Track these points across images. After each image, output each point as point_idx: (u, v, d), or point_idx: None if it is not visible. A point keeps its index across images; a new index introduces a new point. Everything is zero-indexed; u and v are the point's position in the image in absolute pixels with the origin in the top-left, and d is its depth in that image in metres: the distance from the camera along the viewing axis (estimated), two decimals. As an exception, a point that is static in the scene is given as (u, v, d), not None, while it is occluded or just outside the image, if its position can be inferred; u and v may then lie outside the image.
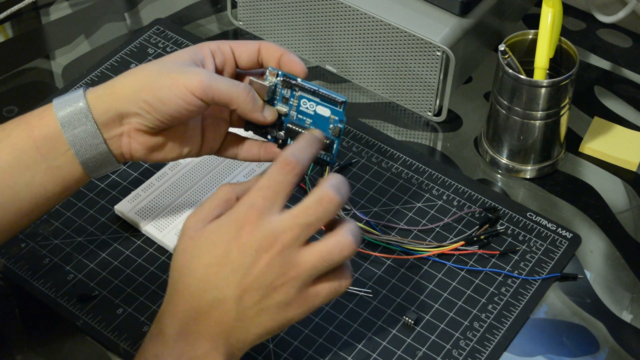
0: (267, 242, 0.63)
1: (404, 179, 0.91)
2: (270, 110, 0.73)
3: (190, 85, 0.68)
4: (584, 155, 0.95)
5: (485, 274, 0.83)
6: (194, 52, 0.72)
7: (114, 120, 0.71)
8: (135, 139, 0.72)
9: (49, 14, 1.09)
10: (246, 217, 0.64)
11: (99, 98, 0.71)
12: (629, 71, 1.03)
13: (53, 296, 0.81)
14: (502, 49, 0.87)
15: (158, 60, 0.72)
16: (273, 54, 0.73)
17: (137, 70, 0.71)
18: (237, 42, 0.74)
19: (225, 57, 0.73)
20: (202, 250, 0.64)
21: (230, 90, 0.70)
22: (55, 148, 0.71)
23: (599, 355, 0.79)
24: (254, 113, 0.71)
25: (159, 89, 0.69)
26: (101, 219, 0.87)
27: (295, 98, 0.73)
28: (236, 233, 0.64)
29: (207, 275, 0.64)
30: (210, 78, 0.69)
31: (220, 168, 0.89)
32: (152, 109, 0.70)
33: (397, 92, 0.98)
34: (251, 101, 0.71)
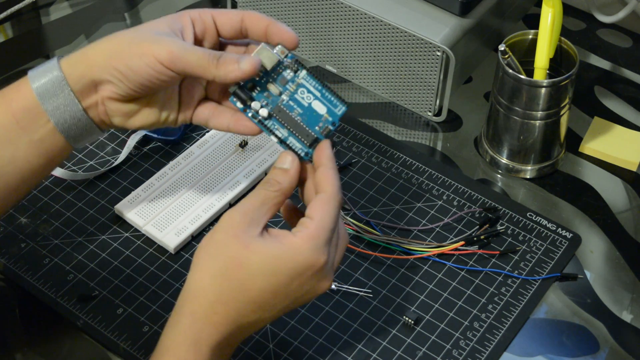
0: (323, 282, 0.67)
1: (404, 179, 0.91)
2: (247, 62, 0.69)
3: (159, 56, 0.67)
4: (584, 155, 0.95)
5: (485, 274, 0.83)
6: (173, 21, 0.71)
7: (89, 87, 0.70)
8: (111, 107, 0.71)
9: (49, 14, 1.09)
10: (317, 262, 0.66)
11: (73, 66, 0.69)
12: (629, 71, 1.03)
13: (53, 296, 0.81)
14: (502, 49, 0.87)
15: (135, 27, 0.71)
16: (258, 24, 0.72)
17: (111, 37, 0.70)
18: (219, 10, 0.73)
19: (206, 26, 0.72)
20: (262, 273, 0.65)
21: (200, 61, 0.68)
22: (35, 120, 0.70)
23: (599, 355, 0.79)
24: (229, 75, 0.68)
25: (130, 57, 0.68)
26: (101, 219, 0.87)
27: (295, 84, 0.70)
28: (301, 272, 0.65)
29: (259, 299, 0.65)
30: (181, 49, 0.68)
31: (220, 168, 0.89)
32: (124, 77, 0.68)
33: (397, 92, 0.98)
34: (222, 66, 0.68)
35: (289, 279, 0.65)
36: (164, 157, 0.92)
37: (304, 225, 0.66)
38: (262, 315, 0.66)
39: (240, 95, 0.70)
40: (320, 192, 0.67)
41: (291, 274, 0.65)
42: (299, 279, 0.65)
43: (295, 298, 0.67)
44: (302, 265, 0.65)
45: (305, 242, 0.65)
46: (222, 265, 0.65)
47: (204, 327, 0.65)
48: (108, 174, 0.91)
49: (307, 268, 0.65)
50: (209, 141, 0.92)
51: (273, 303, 0.66)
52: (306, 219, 0.66)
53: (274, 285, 0.65)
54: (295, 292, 0.66)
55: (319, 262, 0.66)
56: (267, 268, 0.65)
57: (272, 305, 0.66)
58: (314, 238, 0.65)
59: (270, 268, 0.65)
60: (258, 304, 0.65)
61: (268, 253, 0.65)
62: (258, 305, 0.65)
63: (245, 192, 0.89)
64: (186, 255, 0.84)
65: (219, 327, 0.65)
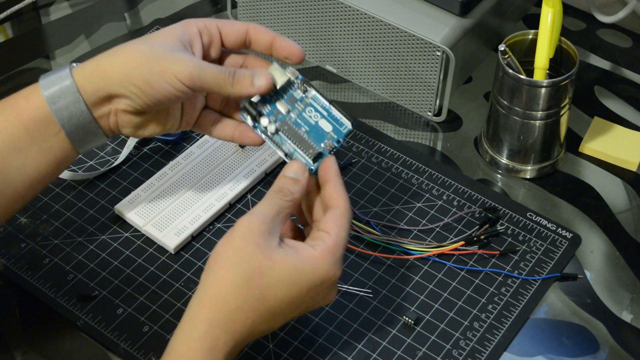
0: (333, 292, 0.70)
1: (404, 179, 0.91)
2: (261, 79, 0.72)
3: (179, 75, 0.69)
4: (584, 155, 0.95)
5: (485, 274, 0.83)
6: (182, 33, 0.72)
7: (103, 100, 0.71)
8: (122, 119, 0.72)
9: (49, 14, 1.09)
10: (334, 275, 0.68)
11: (88, 78, 0.70)
12: (629, 71, 1.03)
13: (53, 296, 0.81)
14: (502, 49, 0.87)
15: (145, 38, 0.72)
16: (263, 38, 0.73)
17: (125, 50, 0.71)
18: (224, 22, 0.74)
19: (212, 36, 0.73)
20: (280, 284, 0.66)
21: (217, 80, 0.70)
22: (46, 130, 0.71)
23: (599, 355, 0.79)
24: (243, 92, 0.71)
25: (150, 74, 0.69)
26: (101, 219, 0.87)
27: (303, 103, 0.72)
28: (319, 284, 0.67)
29: (276, 310, 0.67)
30: (199, 68, 0.69)
31: (220, 168, 0.89)
32: (142, 93, 0.70)
33: (397, 92, 0.98)
34: (237, 83, 0.71)
35: (306, 291, 0.67)
36: (164, 157, 0.92)
37: (322, 239, 0.68)
38: (273, 323, 0.68)
39: (250, 110, 0.73)
40: (334, 207, 0.69)
41: (309, 286, 0.67)
42: (315, 291, 0.67)
43: (305, 308, 0.69)
44: (321, 278, 0.67)
45: (325, 256, 0.67)
46: (244, 275, 0.66)
47: (221, 335, 0.65)
48: (108, 174, 0.91)
49: (325, 281, 0.67)
50: (209, 141, 0.92)
51: (286, 312, 0.68)
52: (324, 234, 0.68)
53: (292, 297, 0.67)
54: (308, 302, 0.68)
55: (335, 276, 0.68)
56: (288, 279, 0.66)
57: (285, 315, 0.68)
58: (333, 253, 0.68)
59: (291, 279, 0.66)
60: (273, 314, 0.67)
61: (289, 265, 0.66)
62: (273, 314, 0.67)
63: (245, 192, 0.89)
64: (186, 255, 0.84)
65: (235, 334, 0.66)
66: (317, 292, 0.68)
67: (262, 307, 0.66)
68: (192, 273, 0.83)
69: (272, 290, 0.66)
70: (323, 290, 0.68)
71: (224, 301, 0.66)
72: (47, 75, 0.72)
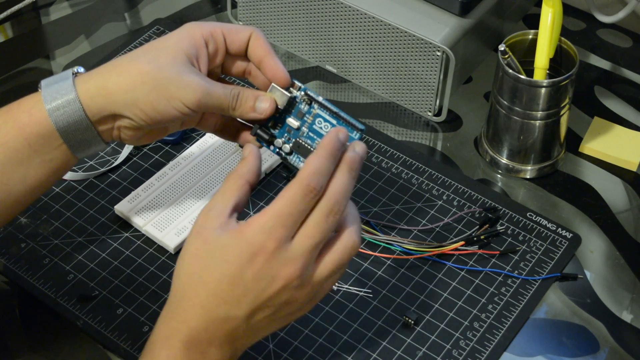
0: (284, 270, 0.64)
1: (404, 179, 0.91)
2: (263, 103, 0.72)
3: (187, 102, 0.69)
4: (584, 155, 0.95)
5: (485, 274, 0.83)
6: (188, 46, 0.71)
7: (107, 118, 0.71)
8: (125, 132, 0.72)
9: (49, 14, 1.09)
10: (263, 245, 0.63)
11: (92, 98, 0.70)
12: (629, 71, 1.03)
13: (53, 296, 0.81)
14: (502, 49, 0.87)
15: (153, 54, 0.71)
16: (257, 52, 0.73)
17: (132, 70, 0.70)
18: (229, 29, 0.74)
19: (218, 45, 0.73)
20: (214, 263, 0.64)
21: (221, 103, 0.71)
22: (48, 144, 0.71)
23: (599, 355, 0.79)
24: (246, 115, 0.71)
25: (157, 100, 0.69)
26: (101, 219, 0.87)
27: (312, 115, 0.71)
28: (250, 258, 0.64)
29: (219, 291, 0.64)
30: (205, 94, 0.70)
31: (220, 168, 0.89)
32: (147, 117, 0.70)
33: (397, 92, 0.98)
34: (240, 107, 0.71)
35: (239, 267, 0.63)
36: (164, 157, 0.92)
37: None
38: (229, 310, 0.64)
39: (263, 136, 0.72)
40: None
41: (240, 261, 0.63)
42: (251, 268, 0.63)
43: (259, 291, 0.64)
44: (247, 250, 0.63)
45: (248, 227, 0.64)
46: (184, 263, 0.66)
47: (174, 323, 0.65)
48: (108, 174, 0.91)
49: (254, 253, 0.63)
50: (209, 141, 0.92)
51: (235, 296, 0.64)
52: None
53: (227, 275, 0.64)
54: (255, 282, 0.64)
55: (267, 246, 0.63)
56: (219, 257, 0.64)
57: (236, 299, 0.64)
58: (259, 222, 0.64)
59: (221, 257, 0.64)
60: (220, 297, 0.64)
61: (218, 243, 0.64)
62: (220, 297, 0.64)
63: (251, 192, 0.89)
64: (186, 255, 0.84)
65: (188, 322, 0.65)
66: (258, 269, 0.63)
67: (204, 291, 0.64)
68: (192, 273, 0.83)
69: (208, 272, 0.64)
70: (263, 265, 0.63)
71: (172, 294, 0.66)
72: (49, 84, 0.71)
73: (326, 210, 0.64)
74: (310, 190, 0.64)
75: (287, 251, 0.64)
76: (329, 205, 0.64)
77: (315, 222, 0.64)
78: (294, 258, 0.64)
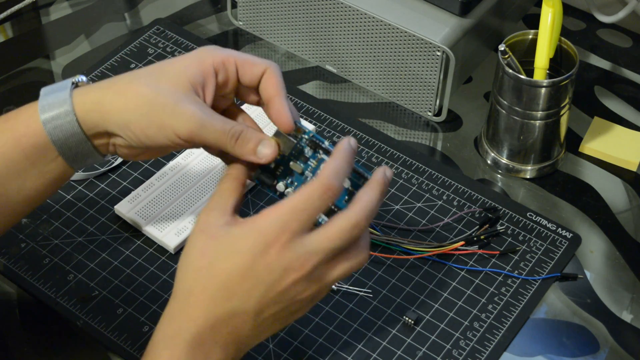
0: (297, 263, 0.63)
1: (404, 179, 0.91)
2: (266, 147, 0.68)
3: (179, 133, 0.67)
4: (584, 155, 0.95)
5: (485, 274, 0.83)
6: (195, 73, 0.69)
7: (102, 134, 0.69)
8: (120, 150, 0.71)
9: (49, 14, 1.09)
10: (277, 237, 0.63)
11: (88, 113, 0.68)
12: (629, 71, 1.03)
13: (53, 296, 0.81)
14: (502, 49, 0.87)
15: (153, 78, 0.69)
16: (268, 90, 0.70)
17: (128, 90, 0.68)
18: (243, 60, 0.71)
19: (229, 75, 0.70)
20: (224, 255, 0.64)
21: (218, 140, 0.68)
22: (45, 156, 0.70)
23: (599, 355, 0.79)
24: (246, 157, 0.68)
25: (148, 127, 0.67)
26: (101, 219, 0.87)
27: (316, 160, 0.69)
28: (264, 249, 0.63)
29: (229, 283, 0.63)
30: (200, 127, 0.67)
31: (220, 168, 0.89)
32: (138, 140, 0.68)
33: (397, 92, 0.98)
34: (239, 148, 0.68)
35: (251, 257, 0.63)
36: (164, 157, 0.92)
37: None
38: (238, 305, 0.64)
39: (265, 180, 0.69)
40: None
41: (253, 251, 0.63)
42: (264, 259, 0.63)
43: (270, 284, 0.63)
44: (261, 240, 0.63)
45: (262, 218, 0.63)
46: (190, 260, 0.65)
47: (179, 322, 0.64)
48: (108, 174, 0.91)
49: (267, 244, 0.63)
50: (209, 141, 0.92)
51: (245, 288, 0.63)
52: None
53: (239, 266, 0.63)
54: (266, 274, 0.63)
55: (281, 238, 0.63)
56: (230, 249, 0.63)
57: (246, 292, 0.63)
58: (274, 214, 0.63)
59: (232, 249, 0.63)
60: (229, 289, 0.63)
61: (230, 234, 0.64)
62: (229, 290, 0.63)
63: (245, 192, 0.88)
64: (186, 255, 0.84)
65: (195, 319, 0.64)
66: (270, 261, 0.63)
67: (213, 285, 0.63)
68: (192, 273, 0.83)
69: (218, 265, 0.63)
70: (276, 257, 0.63)
71: (178, 292, 0.65)
72: (47, 93, 0.70)
73: (354, 221, 0.64)
74: (328, 188, 0.63)
75: (302, 245, 0.63)
76: (357, 217, 0.64)
77: (340, 229, 0.64)
78: (309, 253, 0.63)
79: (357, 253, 0.66)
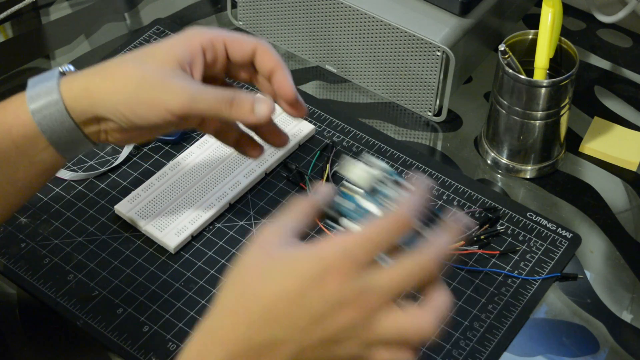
0: (353, 297, 0.56)
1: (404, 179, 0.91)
2: (263, 105, 0.67)
3: (171, 108, 0.66)
4: (584, 155, 0.95)
5: (485, 274, 0.83)
6: (182, 52, 0.68)
7: (92, 120, 0.69)
8: (112, 135, 0.70)
9: (49, 14, 1.09)
10: (339, 264, 0.56)
11: (76, 99, 0.68)
12: (629, 71, 1.03)
13: (53, 296, 0.81)
14: (502, 49, 0.87)
15: (141, 57, 0.68)
16: (266, 64, 0.70)
17: (116, 73, 0.68)
18: (232, 38, 0.71)
19: (217, 54, 0.70)
20: (276, 276, 0.57)
21: (213, 107, 0.67)
22: (35, 145, 0.69)
23: (599, 355, 0.79)
24: (244, 119, 0.68)
25: (137, 105, 0.66)
26: (101, 219, 0.87)
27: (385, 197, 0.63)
28: (321, 275, 0.56)
29: (274, 307, 0.57)
30: (192, 98, 0.66)
31: (220, 168, 0.89)
32: (129, 121, 0.68)
33: (397, 92, 0.98)
34: (236, 111, 0.67)
35: (305, 282, 0.56)
36: (164, 157, 0.92)
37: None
38: (277, 333, 0.56)
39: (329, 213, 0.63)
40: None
41: (308, 276, 0.56)
42: (318, 286, 0.56)
43: (319, 316, 0.56)
44: (320, 265, 0.56)
45: (325, 243, 0.57)
46: (238, 276, 0.59)
47: (208, 343, 0.58)
48: (108, 174, 0.91)
49: (326, 270, 0.56)
50: (209, 141, 0.92)
51: (290, 316, 0.56)
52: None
53: (289, 290, 0.56)
54: (318, 304, 0.56)
55: (343, 266, 0.56)
56: (284, 270, 0.57)
57: (290, 320, 0.56)
58: (341, 240, 0.57)
59: (286, 270, 0.57)
60: (273, 314, 0.56)
61: (287, 255, 0.58)
62: (272, 315, 0.56)
63: (245, 192, 0.89)
64: (186, 255, 0.84)
65: (226, 343, 0.57)
66: (326, 292, 0.56)
67: (256, 306, 0.57)
68: (192, 273, 0.83)
69: (267, 285, 0.57)
70: (334, 289, 0.56)
71: (214, 309, 0.59)
72: (34, 83, 0.69)
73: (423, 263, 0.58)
74: (405, 222, 0.58)
75: (363, 280, 0.56)
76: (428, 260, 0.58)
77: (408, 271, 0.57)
78: (368, 292, 0.56)
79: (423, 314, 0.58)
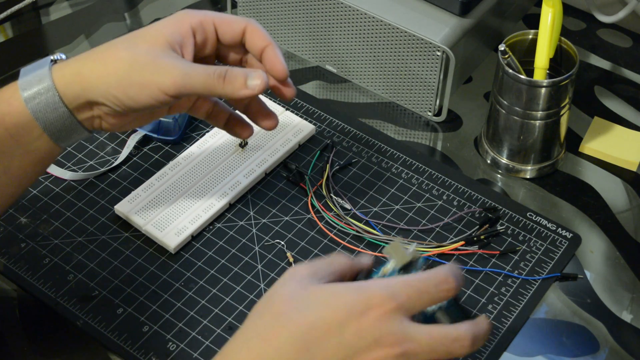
0: (391, 340, 0.56)
1: (404, 179, 0.91)
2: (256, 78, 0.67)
3: (163, 87, 0.66)
4: (584, 155, 0.95)
5: (485, 274, 0.83)
6: (172, 33, 0.69)
7: (85, 105, 0.69)
8: (106, 120, 0.70)
9: (49, 14, 1.09)
10: (382, 301, 0.57)
11: (68, 85, 0.68)
12: (629, 71, 1.03)
13: (53, 296, 0.81)
14: (502, 49, 0.87)
15: (131, 40, 0.68)
16: (257, 43, 0.70)
17: (107, 56, 0.68)
18: (221, 19, 0.71)
19: (207, 34, 0.70)
20: (313, 306, 0.57)
21: (205, 84, 0.67)
22: (29, 134, 0.69)
23: (599, 355, 0.79)
24: (237, 93, 0.67)
25: (130, 86, 0.66)
26: (101, 219, 0.87)
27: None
28: (363, 309, 0.56)
29: (307, 335, 0.56)
30: (184, 75, 0.66)
31: (220, 168, 0.89)
32: (122, 104, 0.67)
33: (397, 92, 0.98)
34: (229, 85, 0.67)
35: (345, 315, 0.56)
36: (164, 157, 0.92)
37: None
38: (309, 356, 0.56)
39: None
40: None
41: (349, 309, 0.56)
42: (358, 320, 0.56)
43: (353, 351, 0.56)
44: (364, 299, 0.56)
45: (372, 281, 0.58)
46: (270, 303, 0.58)
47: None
48: (108, 174, 0.91)
49: (369, 306, 0.56)
50: (209, 141, 0.92)
51: (322, 346, 0.56)
52: None
53: (326, 320, 0.56)
54: (354, 338, 0.56)
55: (386, 305, 0.56)
56: (322, 301, 0.57)
57: (320, 349, 0.56)
58: (387, 281, 0.58)
59: (325, 301, 0.57)
60: (303, 342, 0.56)
61: (326, 289, 0.58)
62: (303, 343, 0.56)
63: (245, 192, 0.89)
64: (186, 255, 0.84)
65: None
66: (363, 327, 0.56)
67: (288, 332, 0.56)
68: (192, 273, 0.83)
69: (304, 313, 0.56)
70: (371, 325, 0.56)
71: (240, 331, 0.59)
72: (26, 72, 0.69)
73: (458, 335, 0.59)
74: (447, 282, 0.59)
75: (403, 325, 0.57)
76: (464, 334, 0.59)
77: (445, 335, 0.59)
78: (408, 335, 0.57)
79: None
